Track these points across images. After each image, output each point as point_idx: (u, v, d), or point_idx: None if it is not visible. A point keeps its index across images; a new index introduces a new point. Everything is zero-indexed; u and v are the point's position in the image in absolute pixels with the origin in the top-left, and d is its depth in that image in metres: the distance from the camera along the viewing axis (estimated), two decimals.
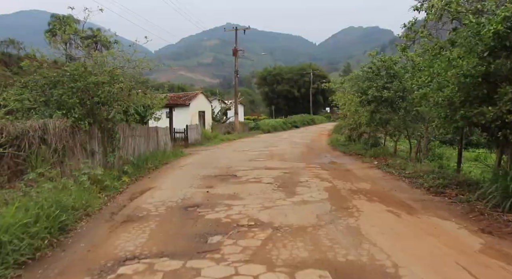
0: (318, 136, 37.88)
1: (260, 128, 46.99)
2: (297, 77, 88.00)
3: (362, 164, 16.12)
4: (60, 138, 9.52)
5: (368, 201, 8.46)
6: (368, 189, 10.03)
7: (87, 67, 11.47)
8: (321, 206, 8.06)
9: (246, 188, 10.35)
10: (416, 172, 12.26)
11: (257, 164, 15.86)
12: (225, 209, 7.91)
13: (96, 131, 11.95)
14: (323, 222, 6.72)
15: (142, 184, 11.32)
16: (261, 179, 11.90)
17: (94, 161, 11.65)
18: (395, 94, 16.60)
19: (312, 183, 11.03)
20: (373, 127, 20.12)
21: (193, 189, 10.25)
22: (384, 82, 17.17)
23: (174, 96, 37.16)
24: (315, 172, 13.45)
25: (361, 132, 25.87)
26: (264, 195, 9.27)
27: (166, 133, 22.10)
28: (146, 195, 9.56)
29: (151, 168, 14.52)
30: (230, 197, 9.17)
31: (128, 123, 15.31)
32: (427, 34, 10.71)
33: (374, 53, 18.67)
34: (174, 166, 15.97)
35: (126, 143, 15.04)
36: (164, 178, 12.57)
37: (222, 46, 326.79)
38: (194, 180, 11.81)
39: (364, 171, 13.93)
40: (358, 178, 12.03)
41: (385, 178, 12.09)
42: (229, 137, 35.13)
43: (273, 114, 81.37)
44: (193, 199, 9.03)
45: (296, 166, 15.20)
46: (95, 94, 11.20)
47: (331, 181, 11.47)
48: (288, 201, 8.55)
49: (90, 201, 7.90)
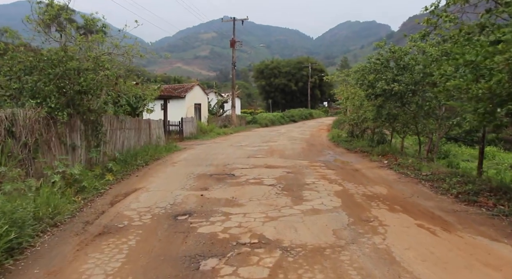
0: (318, 131, 36.61)
1: (258, 122, 45.70)
2: (295, 71, 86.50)
3: (370, 162, 14.88)
4: (31, 131, 8.20)
5: (390, 211, 7.21)
6: (386, 194, 8.78)
7: (67, 51, 10.11)
8: (335, 216, 6.80)
9: (245, 190, 9.08)
10: (434, 173, 11.04)
11: (256, 161, 14.59)
12: (222, 219, 6.64)
13: (78, 123, 10.65)
14: (343, 241, 5.46)
15: (128, 184, 10.02)
16: (262, 179, 10.63)
17: (75, 156, 10.35)
18: (406, 87, 15.33)
19: (320, 186, 9.77)
20: (380, 123, 18.86)
21: (186, 191, 8.96)
22: (394, 74, 15.90)
23: (169, 88, 35.77)
24: (321, 172, 12.21)
25: (364, 128, 24.66)
26: (267, 201, 8.00)
27: (160, 126, 20.77)
28: (130, 198, 8.26)
29: (141, 165, 13.21)
30: (227, 202, 7.90)
31: (117, 115, 13.99)
32: (453, 18, 9.41)
33: (382, 44, 17.36)
34: (166, 162, 14.66)
35: (114, 137, 13.74)
36: (154, 176, 11.27)
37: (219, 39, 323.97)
38: (187, 180, 10.52)
39: (374, 171, 12.69)
40: (370, 180, 10.79)
41: (400, 180, 10.84)
42: (225, 131, 33.83)
43: (270, 108, 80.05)
44: (185, 204, 7.75)
45: (299, 164, 13.95)
46: (76, 82, 9.86)
47: (341, 183, 10.22)
48: (296, 210, 7.28)
49: (61, 207, 6.61)
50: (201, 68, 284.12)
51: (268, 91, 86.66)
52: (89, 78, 10.07)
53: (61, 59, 9.78)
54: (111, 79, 11.20)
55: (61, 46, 10.35)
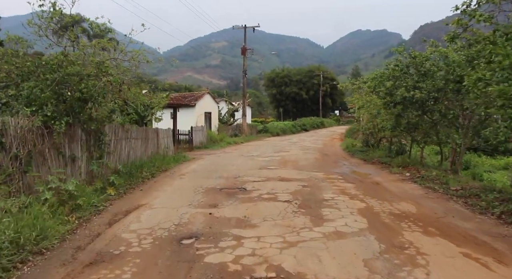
0: (330, 141, 35.66)
1: (269, 131, 44.81)
2: (306, 79, 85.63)
3: (391, 175, 13.92)
4: (24, 141, 7.44)
5: (426, 235, 6.28)
6: (415, 213, 7.85)
7: (67, 55, 9.39)
8: (364, 242, 5.90)
9: (259, 208, 8.22)
10: (465, 188, 10.08)
11: (269, 173, 13.73)
12: (233, 244, 5.78)
13: (79, 133, 9.90)
14: (377, 276, 4.56)
15: (130, 199, 9.20)
16: (276, 194, 9.76)
17: (74, 169, 9.58)
18: (428, 95, 14.40)
19: (340, 202, 8.87)
20: (398, 133, 17.90)
21: (193, 209, 8.12)
22: (414, 81, 14.99)
23: (179, 96, 35.18)
24: (339, 186, 11.31)
25: (380, 138, 23.70)
26: (283, 221, 7.13)
27: (168, 135, 20.02)
28: (131, 217, 7.43)
29: (146, 177, 12.42)
30: (239, 222, 7.04)
31: (122, 124, 13.25)
32: (488, 17, 8.50)
33: (401, 49, 16.45)
34: (174, 174, 13.86)
35: (119, 147, 12.98)
36: (160, 190, 10.45)
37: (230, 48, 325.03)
38: (195, 195, 9.69)
39: (397, 184, 11.75)
40: (394, 195, 9.86)
41: (428, 195, 9.89)
42: (236, 140, 33.00)
43: (281, 117, 79.22)
44: (191, 224, 6.90)
45: (315, 177, 13.06)
46: (76, 89, 9.13)
47: (363, 199, 9.31)
48: (317, 232, 6.39)
49: (50, 229, 5.80)
50: (212, 77, 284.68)
51: (279, 99, 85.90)
52: (91, 84, 9.33)
53: (60, 64, 9.06)
54: (114, 85, 10.44)
55: (61, 51, 9.64)
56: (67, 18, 10.87)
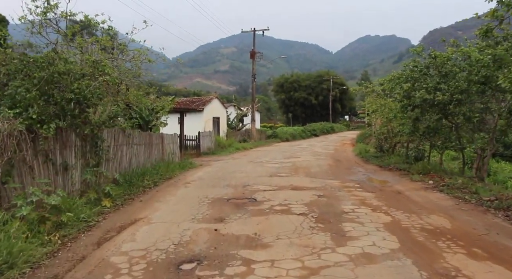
0: (342, 146, 34.58)
1: (278, 137, 43.81)
2: (315, 84, 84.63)
3: (412, 182, 12.86)
4: (3, 148, 6.54)
5: (472, 258, 5.25)
6: (451, 229, 6.82)
7: (58, 52, 8.53)
8: (399, 268, 4.88)
9: (271, 222, 7.24)
10: (500, 198, 9.02)
11: (280, 181, 12.76)
12: (242, 271, 4.79)
13: (72, 138, 9.01)
14: None
15: (127, 212, 8.25)
16: (289, 206, 8.78)
17: (66, 178, 8.67)
18: (451, 97, 13.35)
19: (362, 215, 7.87)
20: (417, 137, 16.82)
21: (196, 224, 7.15)
22: (436, 82, 13.94)
23: (187, 101, 34.37)
24: (358, 195, 10.30)
25: (395, 143, 22.60)
26: (300, 239, 6.14)
27: (174, 141, 19.13)
28: (125, 234, 6.48)
29: (148, 186, 11.49)
30: (248, 241, 6.06)
31: (123, 129, 12.37)
32: None
33: (420, 49, 15.42)
34: (178, 182, 12.93)
35: (119, 153, 12.09)
36: (161, 201, 9.50)
37: (239, 54, 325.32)
38: (200, 207, 8.73)
39: (421, 194, 10.71)
40: (422, 207, 8.82)
41: (459, 207, 8.83)
42: (245, 145, 32.05)
43: (290, 122, 78.25)
44: (194, 244, 5.93)
45: (330, 185, 12.07)
46: (68, 89, 8.24)
47: (387, 211, 8.29)
48: (341, 255, 5.39)
49: (23, 253, 4.86)
50: (220, 83, 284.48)
51: (288, 105, 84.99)
52: (84, 84, 8.44)
53: (52, 61, 8.19)
54: (112, 86, 9.55)
55: (53, 48, 8.79)
56: (62, 14, 10.01)
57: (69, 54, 9.22)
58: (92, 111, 9.25)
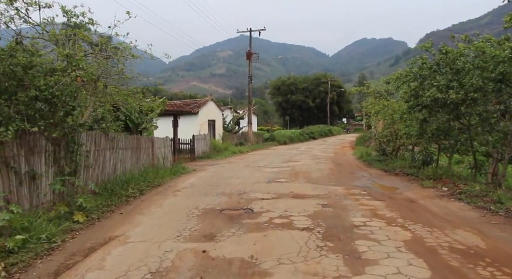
0: (341, 149, 33.50)
1: (276, 140, 42.75)
2: (312, 87, 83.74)
3: (423, 189, 11.75)
4: None
5: None
6: (487, 249, 5.68)
7: (21, 42, 7.37)
8: None
9: (270, 241, 6.08)
10: None
11: (279, 188, 11.63)
12: None
13: (42, 142, 7.86)
14: None
15: (102, 228, 7.07)
16: (291, 218, 7.64)
17: (32, 189, 7.50)
18: (466, 95, 12.26)
19: (376, 230, 6.73)
20: (426, 140, 15.70)
21: (181, 243, 5.99)
22: (448, 80, 12.86)
23: (181, 103, 33.26)
24: (367, 205, 9.18)
25: (398, 146, 21.50)
26: (306, 264, 4.99)
27: (166, 144, 17.98)
28: (92, 260, 5.28)
29: (133, 195, 10.33)
30: (244, 267, 4.90)
31: (105, 132, 11.22)
32: None
33: (429, 45, 14.30)
34: (167, 189, 11.77)
35: (102, 159, 10.94)
36: (144, 213, 8.32)
37: (235, 58, 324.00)
38: (188, 220, 7.57)
39: (437, 202, 9.59)
40: (442, 219, 7.70)
41: (487, 219, 7.69)
42: (241, 149, 30.93)
43: (287, 125, 77.27)
44: (175, 273, 4.75)
45: (334, 192, 10.96)
46: (33, 85, 7.09)
47: (403, 224, 7.17)
48: None
49: None
50: (217, 86, 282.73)
51: (285, 108, 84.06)
52: (54, 79, 7.29)
53: (14, 53, 7.05)
54: (88, 83, 8.40)
55: (15, 38, 7.63)
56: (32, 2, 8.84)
57: (38, 47, 8.08)
58: (64, 112, 8.10)
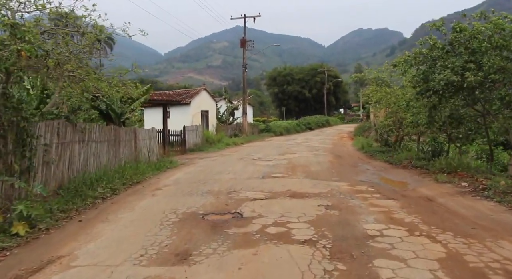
0: (340, 140, 32.09)
1: (272, 131, 41.23)
2: (308, 77, 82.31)
3: (439, 184, 10.27)
4: None
5: None
6: None
7: None
8: None
9: (262, 264, 4.56)
10: None
11: (274, 185, 10.15)
12: None
13: None
14: None
15: (47, 244, 5.50)
16: (288, 226, 6.14)
17: None
18: (485, 77, 10.77)
19: (398, 243, 5.24)
20: (437, 129, 14.21)
21: (142, 269, 4.44)
22: (464, 61, 11.33)
23: (172, 93, 31.61)
24: (378, 205, 7.71)
25: (402, 136, 20.04)
26: None
27: (152, 136, 16.37)
28: None
29: (103, 195, 8.79)
30: None
31: (72, 122, 9.67)
32: None
33: (440, 24, 12.72)
34: (146, 188, 10.25)
35: (67, 153, 9.38)
36: (109, 221, 6.76)
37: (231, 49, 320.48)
38: (160, 230, 6.04)
39: (460, 201, 8.11)
40: (474, 223, 6.22)
41: None
42: (236, 141, 29.41)
43: (283, 116, 75.83)
44: None
45: (337, 189, 9.49)
46: None
47: (430, 233, 5.68)
48: None
49: None
50: (213, 78, 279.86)
51: (281, 98, 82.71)
52: None
53: None
54: (39, 60, 6.83)
55: None
56: None
57: None
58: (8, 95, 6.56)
